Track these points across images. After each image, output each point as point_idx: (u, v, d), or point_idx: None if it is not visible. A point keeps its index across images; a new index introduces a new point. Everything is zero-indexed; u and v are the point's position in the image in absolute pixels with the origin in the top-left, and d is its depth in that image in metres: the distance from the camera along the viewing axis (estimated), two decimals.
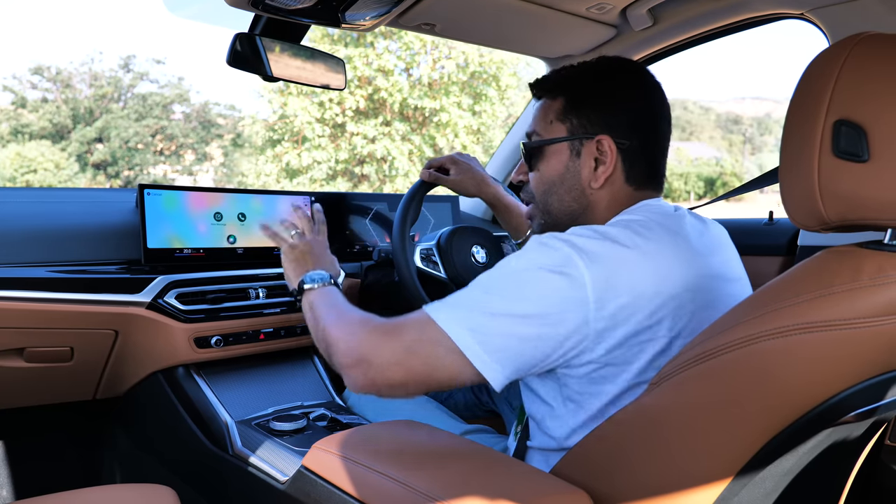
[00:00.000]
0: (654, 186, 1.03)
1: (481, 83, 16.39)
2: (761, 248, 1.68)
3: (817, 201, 0.64)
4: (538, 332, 0.82)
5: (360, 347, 0.89)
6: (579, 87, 1.02)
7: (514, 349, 0.82)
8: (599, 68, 1.03)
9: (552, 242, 0.85)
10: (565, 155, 1.02)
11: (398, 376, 0.86)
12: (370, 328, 0.90)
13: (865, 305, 0.62)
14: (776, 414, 0.67)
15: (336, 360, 0.94)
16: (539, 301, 0.82)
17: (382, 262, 1.62)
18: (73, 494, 1.00)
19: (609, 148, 0.98)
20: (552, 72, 1.07)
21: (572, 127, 1.01)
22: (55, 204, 1.45)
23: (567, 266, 0.82)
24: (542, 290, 0.82)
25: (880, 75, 0.61)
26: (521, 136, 2.10)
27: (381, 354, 0.86)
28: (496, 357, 0.82)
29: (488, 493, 0.73)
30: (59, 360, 1.35)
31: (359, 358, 0.88)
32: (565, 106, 1.02)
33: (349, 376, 0.90)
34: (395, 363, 0.86)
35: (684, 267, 0.88)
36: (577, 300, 0.82)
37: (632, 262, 0.85)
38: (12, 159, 20.73)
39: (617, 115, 0.99)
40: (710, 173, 34.36)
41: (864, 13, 1.35)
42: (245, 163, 23.35)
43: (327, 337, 0.97)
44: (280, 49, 1.45)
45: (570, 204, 1.03)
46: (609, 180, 1.00)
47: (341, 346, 0.92)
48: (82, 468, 1.75)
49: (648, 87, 1.02)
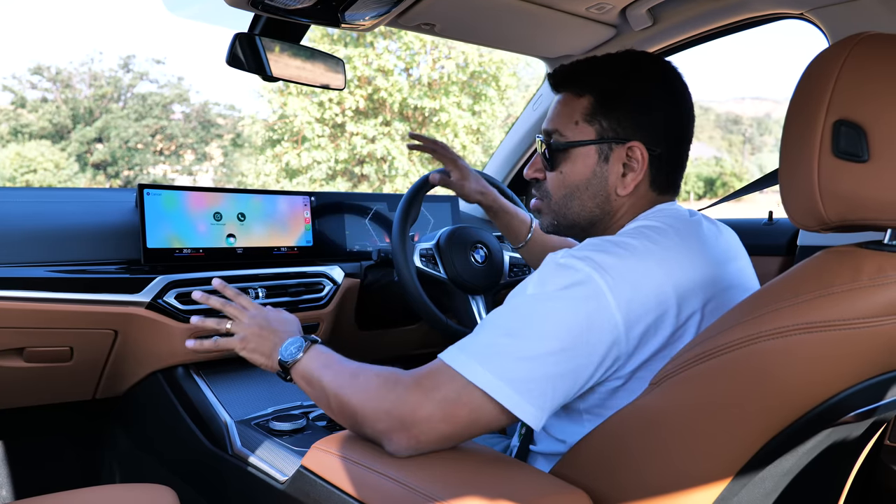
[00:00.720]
0: (674, 191, 0.99)
1: (481, 83, 16.39)
2: (761, 248, 1.68)
3: (817, 201, 0.64)
4: (573, 366, 0.77)
5: (396, 410, 0.80)
6: (610, 86, 0.95)
7: (552, 389, 0.77)
8: (630, 65, 0.96)
9: (570, 262, 0.80)
10: (592, 159, 0.95)
11: (446, 430, 0.79)
12: (402, 387, 0.81)
13: (865, 305, 0.62)
14: (776, 414, 0.67)
15: (369, 428, 0.84)
16: (567, 332, 0.76)
17: (382, 262, 1.62)
18: (72, 494, 1.00)
19: (641, 155, 0.93)
20: (576, 63, 0.99)
21: (602, 129, 0.94)
22: (55, 204, 1.45)
23: (589, 288, 0.78)
24: (567, 318, 0.77)
25: (880, 75, 0.61)
26: (521, 136, 2.11)
27: (423, 412, 0.79)
28: (537, 403, 0.76)
29: (487, 492, 0.73)
30: (59, 360, 1.35)
31: (400, 421, 0.80)
32: (594, 106, 0.95)
33: (392, 441, 0.81)
34: (439, 420, 0.79)
35: (703, 274, 0.85)
36: (606, 322, 0.77)
37: (652, 273, 0.81)
38: (12, 159, 20.72)
39: (651, 120, 0.93)
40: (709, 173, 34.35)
41: (864, 13, 1.35)
42: (245, 163, 23.35)
43: (345, 407, 0.87)
44: (279, 49, 1.45)
45: (593, 210, 0.98)
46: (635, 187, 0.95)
47: (371, 413, 0.83)
48: (82, 468, 1.75)
49: (681, 89, 0.96)
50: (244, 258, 1.50)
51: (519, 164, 2.16)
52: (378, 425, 0.82)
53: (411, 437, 0.79)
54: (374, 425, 0.83)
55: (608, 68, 0.96)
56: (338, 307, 1.59)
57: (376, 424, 0.82)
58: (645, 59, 0.97)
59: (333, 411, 0.90)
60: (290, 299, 1.51)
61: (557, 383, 0.77)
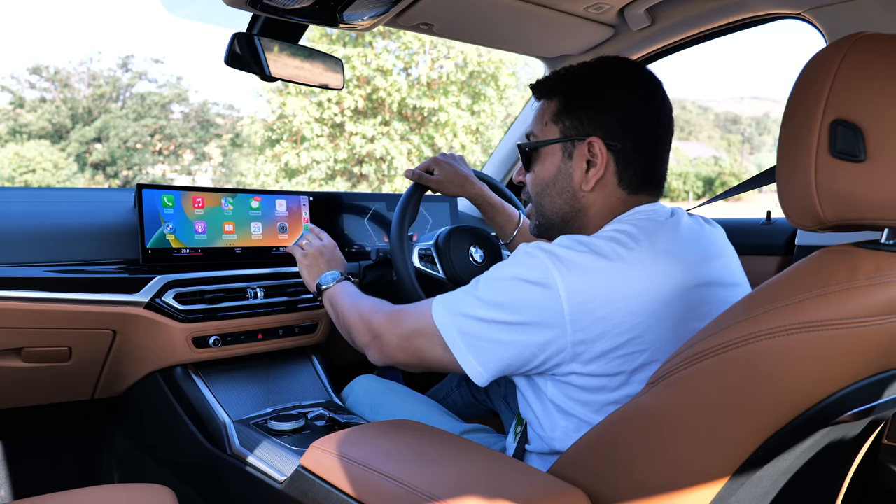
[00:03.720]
0: (651, 191, 1.01)
1: (480, 83, 16.39)
2: (759, 247, 1.68)
3: (814, 201, 0.64)
4: (518, 339, 0.87)
5: (373, 328, 1.08)
6: (573, 88, 1.01)
7: (496, 352, 0.89)
8: (594, 69, 1.02)
9: (535, 252, 0.88)
10: (558, 157, 1.02)
11: (402, 357, 1.03)
12: (382, 313, 1.08)
13: (862, 305, 0.62)
14: (773, 413, 0.67)
15: (357, 340, 1.14)
16: (518, 310, 0.87)
17: (381, 261, 1.62)
18: (70, 494, 1.00)
19: (600, 150, 0.97)
20: (552, 72, 1.06)
21: (565, 128, 1.00)
22: (53, 204, 1.45)
23: (544, 277, 0.86)
24: (520, 299, 0.87)
25: (877, 75, 0.61)
26: (520, 136, 2.11)
27: (388, 336, 1.05)
28: (480, 359, 0.90)
29: (486, 492, 0.73)
30: (57, 360, 1.35)
31: (373, 336, 1.08)
32: (559, 107, 1.01)
33: (369, 351, 1.10)
34: (397, 346, 1.03)
35: (672, 278, 0.88)
36: (553, 311, 0.85)
37: (613, 275, 0.85)
38: (11, 159, 20.70)
39: (608, 116, 0.97)
40: (708, 173, 34.38)
41: (862, 13, 1.35)
42: (244, 162, 23.32)
43: (348, 323, 1.17)
44: (278, 49, 1.45)
45: (563, 206, 1.03)
46: (600, 183, 0.98)
47: (359, 328, 1.12)
48: (80, 468, 1.75)
49: (646, 87, 0.99)
50: (243, 258, 1.50)
51: (517, 163, 2.16)
52: (361, 338, 1.12)
53: (382, 352, 1.07)
54: (359, 338, 1.13)
55: (576, 73, 1.02)
56: None
57: (361, 337, 1.12)
58: (612, 61, 1.03)
59: (341, 329, 1.22)
60: (289, 299, 1.51)
61: (502, 350, 0.89)
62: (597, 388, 0.89)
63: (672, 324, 0.87)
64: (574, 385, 0.90)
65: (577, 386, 0.90)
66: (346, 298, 1.21)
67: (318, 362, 1.61)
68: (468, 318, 0.91)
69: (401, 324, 1.03)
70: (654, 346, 0.87)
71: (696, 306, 0.90)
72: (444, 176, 1.44)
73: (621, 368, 0.87)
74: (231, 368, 1.49)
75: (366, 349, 1.11)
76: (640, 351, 0.86)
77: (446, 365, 0.95)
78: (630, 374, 0.88)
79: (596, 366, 0.87)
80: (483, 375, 0.90)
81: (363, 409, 1.43)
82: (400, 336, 1.02)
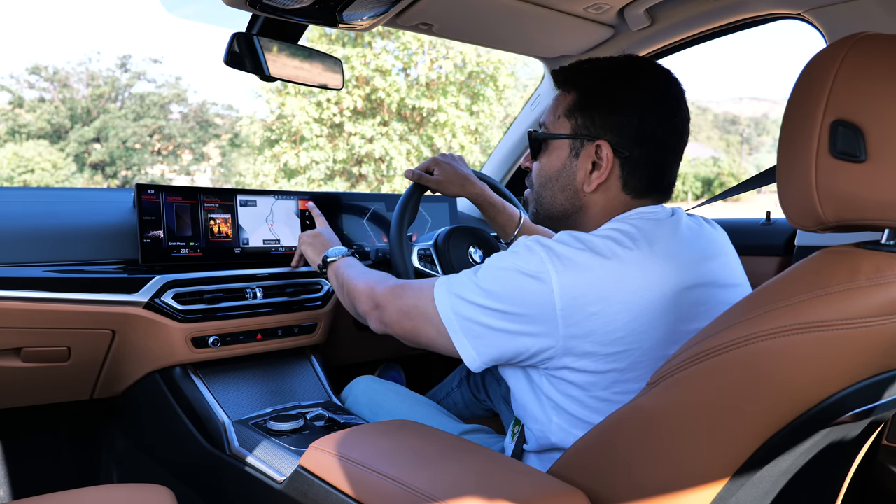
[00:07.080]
0: (656, 196, 0.99)
1: (479, 83, 16.39)
2: (759, 248, 1.68)
3: (814, 201, 0.64)
4: (511, 328, 0.88)
5: (375, 298, 1.10)
6: (591, 85, 0.98)
7: (489, 339, 0.90)
8: (617, 67, 0.98)
9: (534, 246, 0.89)
10: (565, 153, 1.00)
11: (399, 330, 1.05)
12: (386, 284, 1.10)
13: (862, 306, 0.62)
14: (773, 414, 0.67)
15: (359, 308, 1.16)
16: (512, 300, 0.88)
17: (380, 262, 1.62)
18: (70, 494, 1.00)
19: (607, 155, 0.95)
20: (576, 62, 1.02)
21: (576, 126, 0.98)
22: (52, 204, 1.45)
23: (540, 271, 0.86)
24: (515, 290, 0.88)
25: (878, 75, 0.61)
26: (519, 136, 2.11)
27: (389, 308, 1.07)
28: (474, 343, 0.91)
29: (485, 493, 0.73)
30: (57, 360, 1.34)
31: (374, 304, 1.10)
32: (575, 102, 0.98)
33: (370, 319, 1.12)
34: (396, 320, 1.05)
35: (668, 279, 0.88)
36: (546, 305, 0.86)
37: (607, 273, 0.85)
38: (10, 159, 20.69)
39: (621, 119, 0.94)
40: (707, 173, 34.38)
41: (862, 13, 1.35)
42: (243, 163, 23.32)
43: (352, 293, 1.19)
44: (277, 49, 1.45)
45: (563, 203, 1.02)
46: (603, 186, 0.97)
47: (363, 297, 1.14)
48: (79, 468, 1.75)
49: (668, 95, 0.96)
50: (242, 258, 1.50)
51: (517, 164, 2.16)
52: (363, 306, 1.14)
53: (381, 321, 1.09)
54: (362, 306, 1.15)
55: (598, 68, 0.99)
56: (335, 307, 1.59)
57: (363, 305, 1.14)
58: (636, 62, 0.99)
59: (344, 300, 1.24)
60: (288, 299, 1.51)
61: (494, 337, 0.90)
62: (589, 384, 0.89)
63: (666, 324, 0.87)
64: (567, 381, 0.90)
65: (570, 382, 0.90)
66: (352, 269, 1.25)
67: (318, 362, 1.61)
68: (466, 302, 0.92)
69: (402, 297, 1.04)
70: (647, 345, 0.87)
71: (692, 307, 0.90)
72: (444, 176, 1.44)
73: (613, 366, 0.87)
74: (230, 369, 1.48)
75: (367, 317, 1.13)
76: (632, 349, 0.86)
77: (441, 345, 0.96)
78: (622, 371, 0.88)
79: (588, 361, 0.87)
80: (476, 360, 0.91)
81: (362, 410, 1.43)
82: (399, 310, 1.03)
